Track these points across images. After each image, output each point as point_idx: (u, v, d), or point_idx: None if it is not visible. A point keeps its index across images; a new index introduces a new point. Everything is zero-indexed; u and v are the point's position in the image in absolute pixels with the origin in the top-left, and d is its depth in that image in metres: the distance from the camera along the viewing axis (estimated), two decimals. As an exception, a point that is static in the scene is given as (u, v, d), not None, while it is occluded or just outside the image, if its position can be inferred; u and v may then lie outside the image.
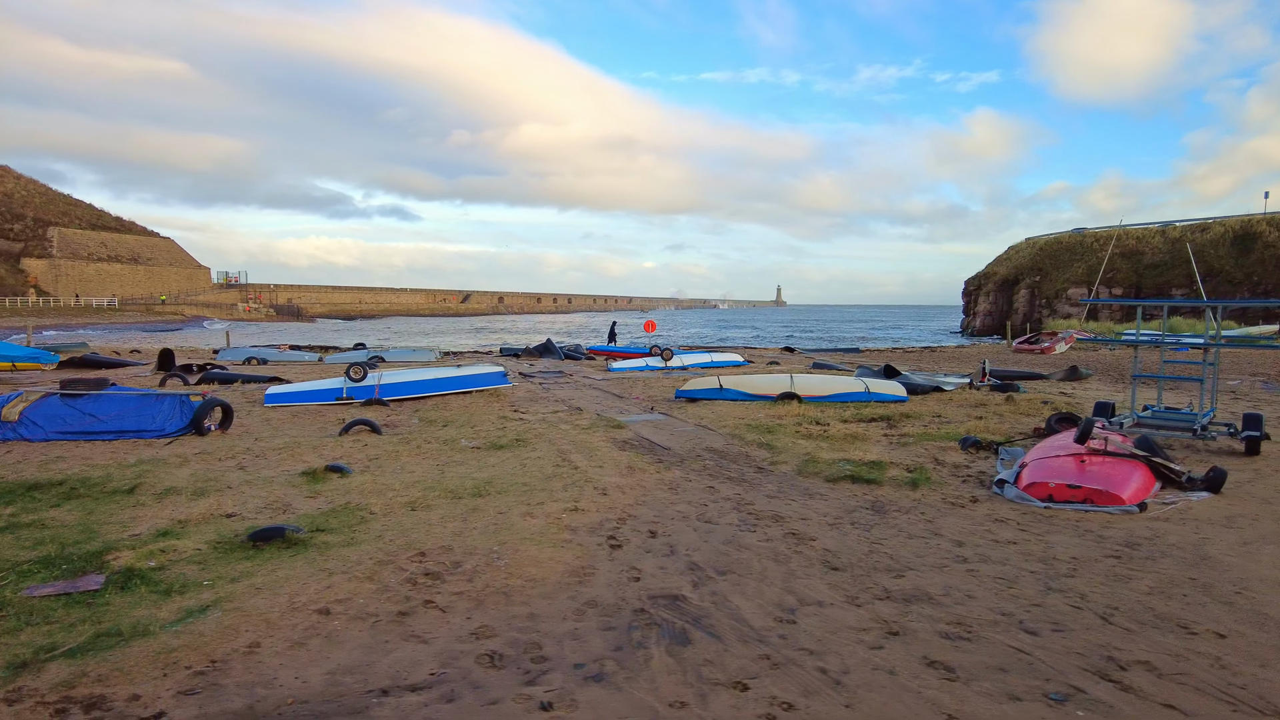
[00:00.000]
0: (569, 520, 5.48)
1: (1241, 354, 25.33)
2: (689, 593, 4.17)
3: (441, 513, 5.66)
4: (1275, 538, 5.36)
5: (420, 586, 4.21)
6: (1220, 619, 3.90)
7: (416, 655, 3.41)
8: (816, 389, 11.95)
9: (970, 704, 3.01)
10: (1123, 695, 3.10)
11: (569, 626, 3.72)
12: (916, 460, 7.70)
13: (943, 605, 4.03)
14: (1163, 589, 4.32)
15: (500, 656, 3.41)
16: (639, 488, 6.52)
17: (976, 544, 5.09)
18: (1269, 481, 7.17)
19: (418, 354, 22.92)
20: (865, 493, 6.46)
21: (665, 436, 9.16)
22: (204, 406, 9.30)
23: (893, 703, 3.01)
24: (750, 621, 3.79)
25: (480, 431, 9.32)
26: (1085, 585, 4.35)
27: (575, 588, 4.22)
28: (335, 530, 5.25)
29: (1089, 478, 6.24)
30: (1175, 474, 6.78)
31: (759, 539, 5.15)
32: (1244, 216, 63.02)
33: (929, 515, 5.78)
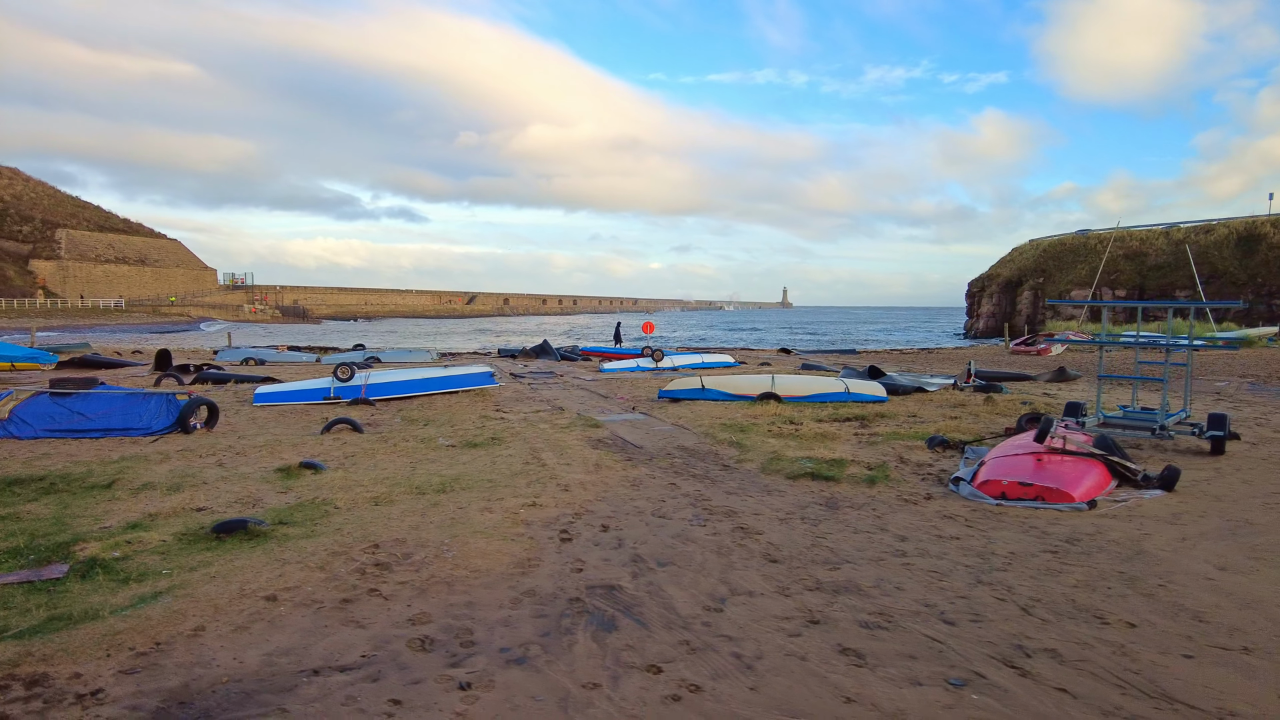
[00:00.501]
0: (526, 515, 5.64)
1: (1236, 355, 25.32)
2: (626, 583, 4.32)
3: (403, 507, 5.83)
4: (1215, 534, 5.48)
5: (368, 576, 4.37)
6: (1137, 610, 4.02)
7: (352, 639, 3.57)
8: (797, 389, 12.08)
9: (871, 688, 3.15)
10: (1020, 680, 3.23)
11: (503, 614, 3.87)
12: (881, 459, 7.83)
13: (870, 596, 4.17)
14: (1090, 582, 4.44)
15: (431, 641, 3.56)
16: (602, 485, 6.68)
17: (919, 539, 5.22)
18: (1226, 480, 7.27)
19: (414, 354, 23.13)
20: (822, 489, 6.59)
21: (640, 435, 9.31)
22: (189, 405, 9.49)
23: (797, 686, 3.16)
24: (679, 610, 3.94)
25: (459, 430, 9.49)
26: (1015, 579, 4.48)
27: (517, 578, 4.37)
28: (298, 523, 5.42)
29: (1041, 476, 6.36)
30: (1132, 472, 6.89)
31: (707, 533, 5.30)
32: (1248, 218, 62.75)
33: (880, 511, 5.92)
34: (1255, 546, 5.19)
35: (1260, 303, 55.80)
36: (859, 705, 3.00)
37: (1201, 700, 3.07)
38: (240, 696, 3.04)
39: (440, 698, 3.05)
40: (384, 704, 2.99)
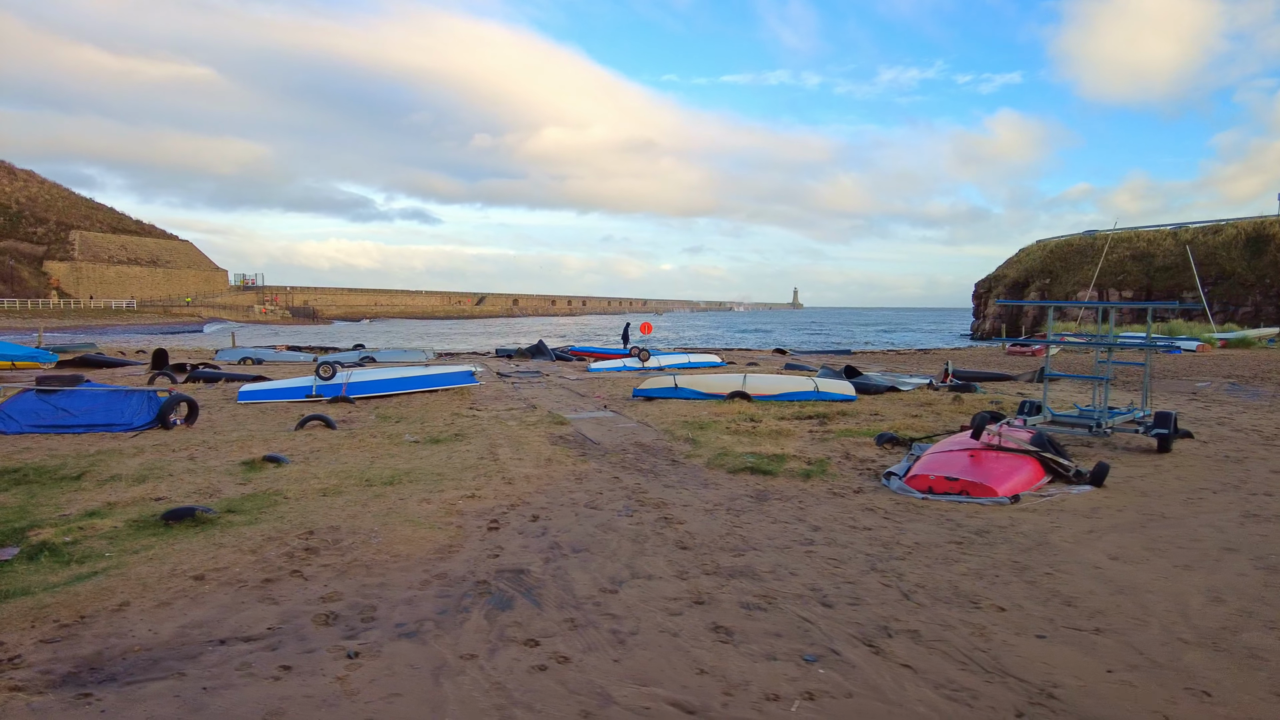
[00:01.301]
0: (462, 506, 5.91)
1: (1227, 356, 25.27)
2: (536, 568, 4.58)
3: (348, 498, 6.12)
4: (1125, 527, 5.67)
5: (295, 559, 4.66)
6: (1013, 595, 4.24)
7: (263, 614, 3.85)
8: (767, 388, 12.30)
9: (728, 662, 3.39)
10: (871, 657, 3.46)
11: (409, 594, 4.14)
12: (826, 455, 8.05)
13: (761, 580, 4.41)
14: (980, 570, 4.66)
15: (335, 616, 3.84)
16: (547, 478, 6.94)
17: (832, 530, 5.45)
18: (1161, 476, 7.45)
19: (409, 354, 23.50)
20: (758, 483, 6.83)
21: (602, 433, 9.57)
22: (169, 402, 9.83)
23: (658, 659, 3.40)
24: (576, 592, 4.19)
25: (427, 427, 9.78)
26: (909, 567, 4.70)
27: (434, 563, 4.64)
28: (245, 512, 5.72)
29: (966, 471, 6.57)
30: (1064, 468, 7.08)
31: (631, 523, 5.55)
32: (1256, 219, 62.22)
33: (804, 504, 6.15)
34: (1157, 539, 5.38)
35: (1269, 303, 55.39)
36: (709, 676, 3.24)
37: (1032, 675, 3.29)
38: (147, 663, 3.33)
39: (327, 665, 3.32)
40: (275, 669, 3.26)
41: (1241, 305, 56.55)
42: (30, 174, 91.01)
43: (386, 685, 3.14)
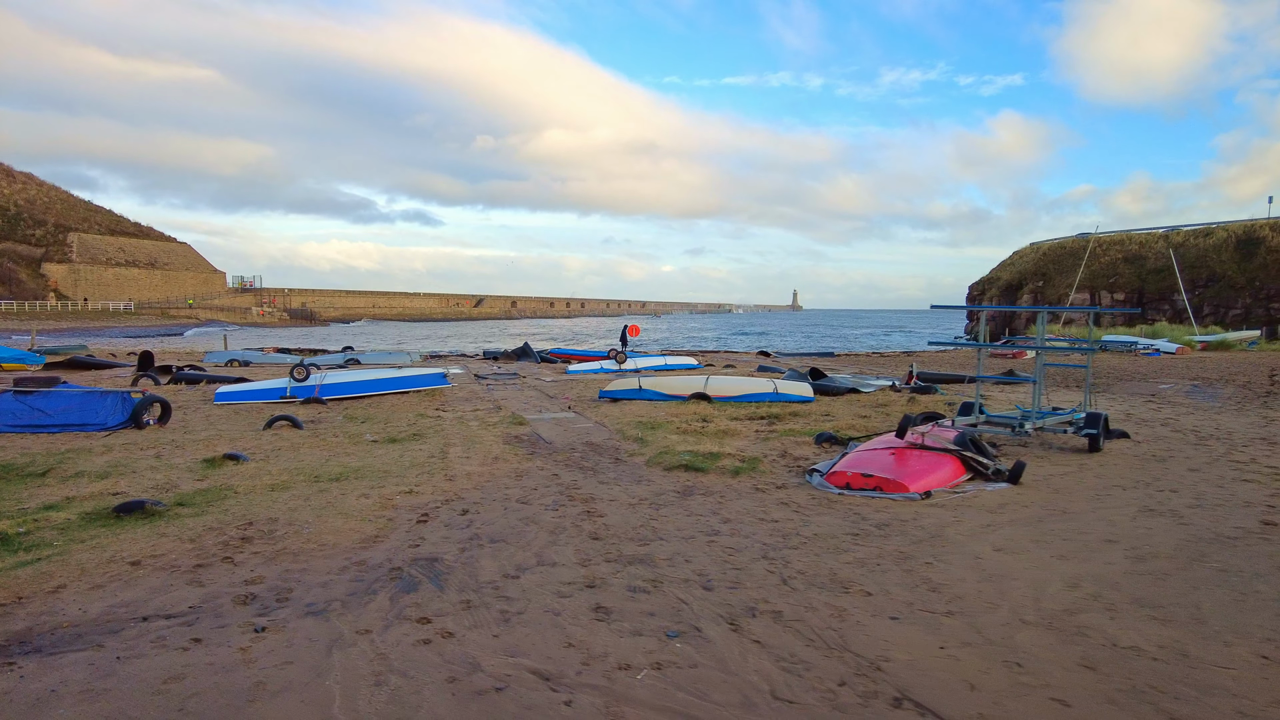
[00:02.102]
0: (399, 501, 6.27)
1: (1204, 359, 25.57)
2: (450, 556, 4.94)
3: (294, 493, 6.48)
4: (1022, 521, 6.03)
5: (229, 547, 5.02)
6: (885, 582, 4.60)
7: (188, 595, 4.21)
8: (727, 390, 12.67)
9: (597, 637, 3.75)
10: (729, 634, 3.82)
11: (326, 579, 4.50)
12: (763, 453, 8.41)
13: (656, 567, 4.76)
14: (865, 559, 5.01)
15: (253, 597, 4.20)
16: (489, 476, 7.30)
17: (741, 522, 5.81)
18: (1081, 474, 7.80)
19: (393, 356, 23.85)
20: (688, 479, 7.19)
21: (558, 433, 9.93)
22: (142, 403, 10.20)
23: (534, 635, 3.76)
24: (479, 577, 4.55)
25: (389, 428, 10.15)
26: (800, 556, 5.06)
27: (357, 551, 5.00)
28: (194, 505, 6.08)
29: (884, 468, 6.93)
30: (984, 466, 7.44)
31: (554, 516, 5.91)
32: (1247, 221, 62.55)
33: (724, 498, 6.51)
34: (1047, 532, 5.74)
35: (1259, 306, 55.71)
36: (574, 649, 3.60)
37: (869, 651, 3.65)
38: (72, 637, 3.69)
39: (235, 638, 3.68)
40: (186, 641, 3.62)
41: (1232, 308, 56.85)
42: (29, 176, 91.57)
43: (283, 655, 3.50)
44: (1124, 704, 3.18)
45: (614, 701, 3.11)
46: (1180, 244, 64.50)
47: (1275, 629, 3.98)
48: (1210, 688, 3.33)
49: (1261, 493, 7.14)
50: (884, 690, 3.24)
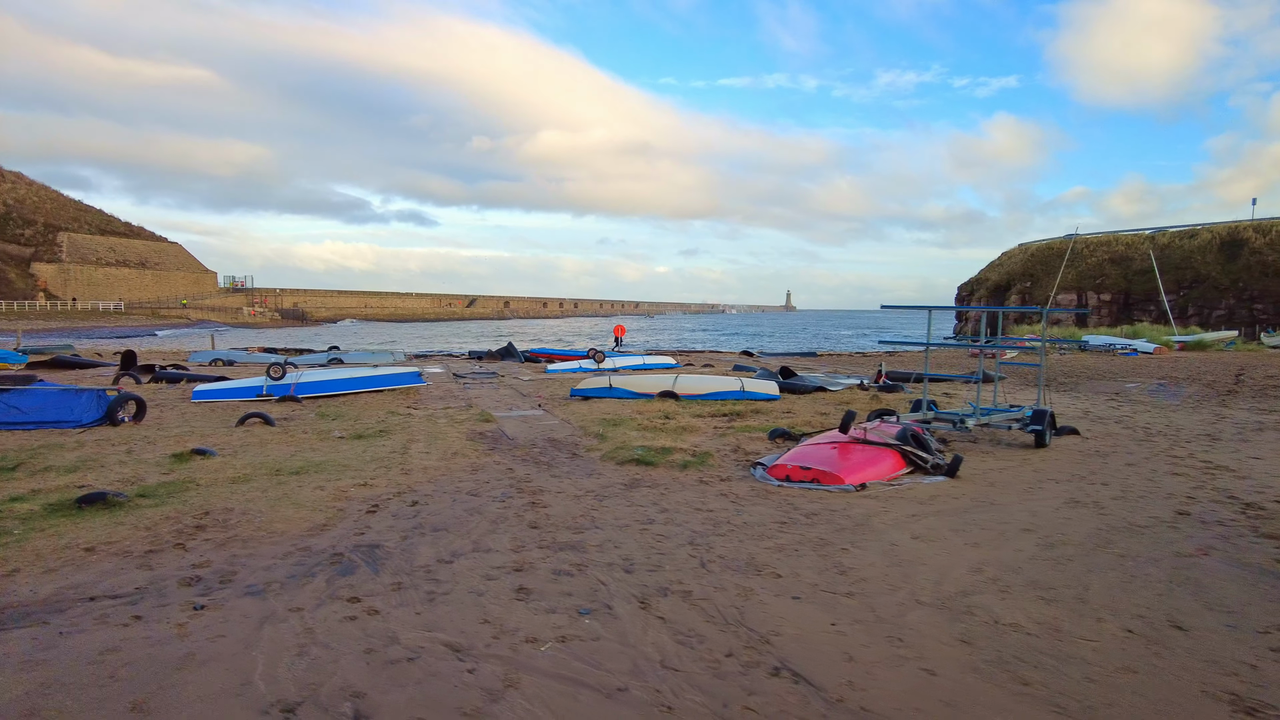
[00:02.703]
0: (353, 493, 6.53)
1: (1180, 358, 25.96)
2: (392, 544, 5.20)
3: (253, 485, 6.73)
4: (948, 512, 6.32)
5: (183, 534, 5.28)
6: (798, 566, 4.88)
7: (136, 578, 4.47)
8: (695, 388, 12.95)
9: (512, 615, 4.02)
10: (637, 612, 4.09)
11: (270, 563, 4.76)
12: (718, 448, 8.69)
13: (584, 553, 5.04)
14: (785, 545, 5.29)
15: (198, 579, 4.46)
16: (445, 470, 7.57)
17: (678, 512, 6.09)
18: (1020, 469, 8.11)
19: (377, 356, 24.07)
20: (637, 473, 7.47)
21: (522, 429, 10.20)
22: (117, 400, 10.43)
23: (454, 613, 4.03)
24: (416, 562, 4.82)
25: (358, 424, 10.39)
26: (725, 542, 5.34)
27: (304, 539, 5.27)
28: (156, 496, 6.33)
29: (822, 461, 7.22)
30: (923, 460, 7.74)
31: (500, 507, 6.18)
32: (1231, 223, 63.21)
33: (669, 490, 6.79)
34: (968, 522, 6.03)
35: (1242, 307, 56.32)
36: (488, 625, 3.87)
37: (763, 626, 3.93)
38: (20, 615, 3.94)
39: (174, 615, 3.94)
40: (127, 618, 3.88)
41: (1216, 308, 57.46)
42: (18, 175, 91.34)
43: (216, 630, 3.76)
44: (985, 672, 3.46)
45: (513, 670, 3.38)
46: (1166, 245, 65.13)
47: (1149, 607, 4.28)
48: (1068, 658, 3.62)
49: (1186, 485, 7.46)
50: (766, 661, 3.53)
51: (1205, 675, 3.47)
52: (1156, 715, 3.12)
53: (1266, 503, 6.78)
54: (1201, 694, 3.30)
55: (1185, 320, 56.31)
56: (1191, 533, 5.83)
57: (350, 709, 3.03)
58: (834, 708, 3.11)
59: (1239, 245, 59.45)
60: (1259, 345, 33.32)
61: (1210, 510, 6.51)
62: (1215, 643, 3.83)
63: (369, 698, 3.12)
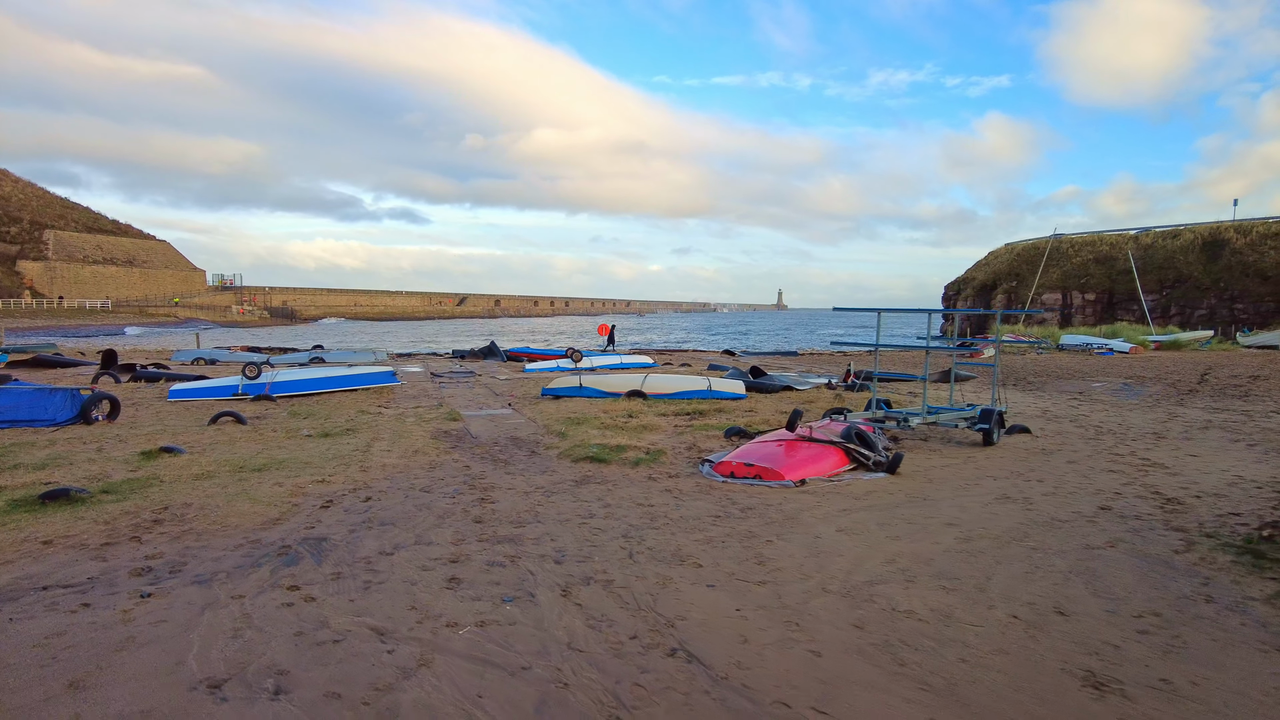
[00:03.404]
0: (310, 489, 6.79)
1: (1154, 358, 26.38)
2: (338, 537, 5.46)
3: (215, 482, 6.98)
4: (879, 506, 6.62)
5: (139, 528, 5.52)
6: (721, 557, 5.16)
7: (90, 569, 4.72)
8: (663, 387, 13.24)
9: (440, 602, 4.29)
10: (557, 599, 4.37)
11: (220, 554, 5.02)
12: (674, 445, 8.98)
13: (521, 545, 5.31)
14: (713, 538, 5.57)
15: (149, 570, 4.71)
16: (403, 467, 7.82)
17: (620, 507, 6.37)
18: (962, 466, 8.43)
19: (358, 355, 24.26)
20: (589, 470, 7.75)
21: (487, 428, 10.46)
22: (90, 400, 10.63)
23: (384, 600, 4.30)
24: (358, 554, 5.08)
25: (328, 423, 10.63)
26: (656, 534, 5.62)
27: (256, 532, 5.52)
28: (119, 492, 6.57)
29: (764, 458, 7.51)
30: (865, 457, 8.04)
31: (449, 503, 6.44)
32: (1213, 224, 63.95)
33: (616, 486, 7.07)
34: (897, 517, 6.33)
35: (1223, 307, 57.02)
36: (415, 611, 4.14)
37: (671, 611, 4.21)
38: (-25, 603, 4.19)
39: (121, 602, 4.19)
40: (76, 606, 4.13)
41: (1197, 308, 58.17)
42: (4, 172, 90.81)
43: (159, 615, 4.02)
44: (868, 654, 3.76)
45: (429, 651, 3.65)
46: (1149, 245, 65.83)
47: (1041, 595, 4.58)
48: (950, 641, 3.92)
49: (1117, 482, 7.80)
50: (666, 643, 3.81)
51: (1069, 655, 3.77)
52: (1013, 690, 3.42)
53: (1187, 498, 7.11)
54: (1060, 671, 3.60)
55: (1168, 320, 56.98)
56: (1107, 526, 6.15)
57: (272, 684, 3.30)
58: (718, 684, 3.40)
59: (1220, 245, 60.18)
60: (1233, 345, 33.83)
61: (1132, 506, 6.84)
62: (1090, 626, 4.14)
63: (291, 674, 3.39)
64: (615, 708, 3.17)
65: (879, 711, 3.18)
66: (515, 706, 3.16)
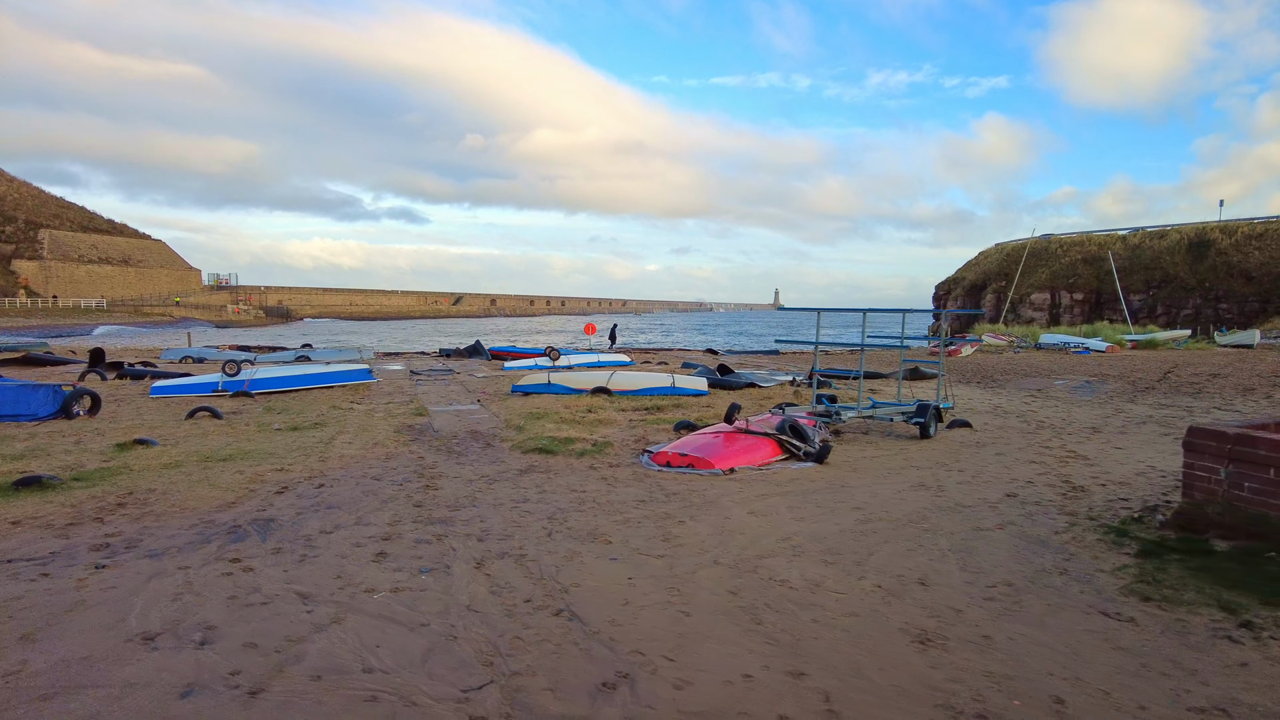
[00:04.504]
0: (269, 477, 7.28)
1: (1127, 357, 26.90)
2: (286, 518, 5.96)
3: (181, 470, 7.47)
4: (796, 493, 7.11)
5: (104, 510, 6.02)
6: (632, 535, 5.65)
7: (53, 545, 5.21)
8: (629, 384, 13.75)
9: (365, 573, 4.79)
10: (471, 571, 4.86)
11: (175, 532, 5.51)
12: (624, 438, 9.48)
13: (451, 525, 5.81)
14: (631, 519, 6.07)
15: (107, 546, 5.20)
16: (360, 458, 8.32)
17: (555, 493, 6.87)
18: (890, 458, 8.92)
19: (344, 353, 24.73)
20: (536, 460, 8.25)
21: (451, 423, 10.96)
22: (72, 395, 11.12)
23: (315, 571, 4.80)
24: (301, 533, 5.58)
25: (299, 418, 11.13)
26: (579, 517, 6.12)
27: (211, 513, 6.02)
28: (90, 480, 7.06)
29: (698, 449, 8.02)
30: (796, 449, 8.54)
31: (395, 489, 6.94)
32: (1199, 224, 64.59)
33: (557, 475, 7.56)
34: (808, 501, 6.83)
35: (1208, 307, 57.64)
36: (340, 579, 4.64)
37: (569, 580, 4.70)
38: (-53, 573, 4.68)
39: (78, 573, 4.69)
40: (36, 575, 4.63)
41: (1183, 308, 58.81)
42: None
43: (110, 583, 4.52)
44: (732, 615, 4.26)
45: (343, 610, 4.15)
46: (1137, 245, 66.49)
47: (911, 569, 5.08)
48: (810, 605, 4.42)
49: (1034, 471, 8.29)
50: (555, 605, 4.31)
51: (913, 618, 4.27)
52: (849, 645, 3.92)
53: (1094, 486, 7.61)
54: (898, 630, 4.10)
55: (1154, 319, 57.58)
56: (1005, 511, 6.65)
57: (199, 637, 3.80)
58: (589, 638, 3.90)
59: (1206, 246, 60.82)
60: (1209, 344, 34.36)
61: (1038, 493, 7.33)
62: (943, 595, 4.64)
63: (218, 629, 3.89)
64: (492, 655, 3.67)
65: (719, 660, 3.68)
66: (405, 654, 3.66)
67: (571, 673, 3.51)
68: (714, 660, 3.68)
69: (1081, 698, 3.39)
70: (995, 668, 3.66)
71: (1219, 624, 4.15)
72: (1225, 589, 4.56)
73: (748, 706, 3.24)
